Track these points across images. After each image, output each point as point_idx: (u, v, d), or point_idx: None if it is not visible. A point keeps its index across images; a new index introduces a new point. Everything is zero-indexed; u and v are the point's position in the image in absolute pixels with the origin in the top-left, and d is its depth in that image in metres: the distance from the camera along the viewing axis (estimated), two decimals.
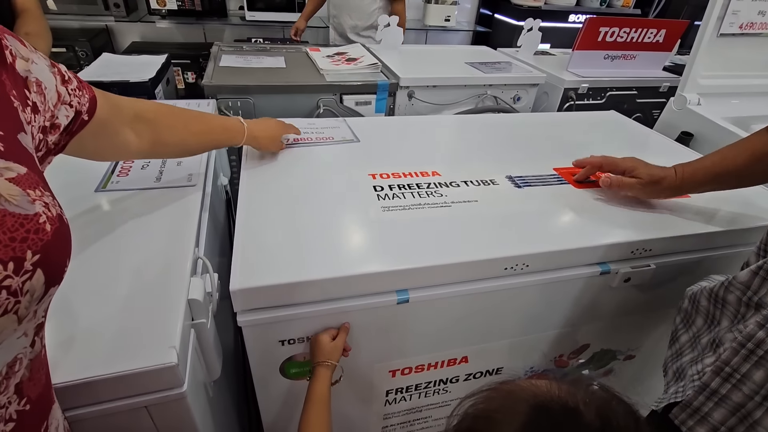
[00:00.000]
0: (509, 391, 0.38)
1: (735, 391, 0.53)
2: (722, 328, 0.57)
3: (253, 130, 0.78)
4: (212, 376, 0.62)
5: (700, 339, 0.61)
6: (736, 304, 0.56)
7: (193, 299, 0.54)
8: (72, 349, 0.46)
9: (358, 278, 0.61)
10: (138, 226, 0.64)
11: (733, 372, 0.53)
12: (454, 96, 1.51)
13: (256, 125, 0.80)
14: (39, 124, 0.39)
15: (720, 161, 0.71)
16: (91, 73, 1.30)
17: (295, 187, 0.79)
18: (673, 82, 1.68)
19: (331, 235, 0.68)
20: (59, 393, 0.42)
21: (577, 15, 2.96)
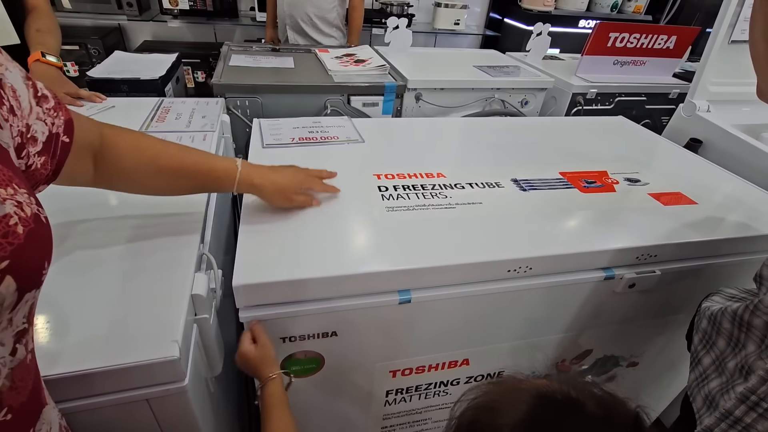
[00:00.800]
0: (511, 384, 0.39)
1: (761, 420, 0.52)
2: (749, 353, 0.56)
3: (251, 177, 0.63)
4: (214, 372, 0.63)
5: (726, 363, 0.59)
6: (764, 329, 0.55)
7: (196, 294, 0.55)
8: (74, 341, 0.47)
9: (361, 277, 0.62)
10: (144, 220, 0.65)
11: (760, 401, 0.52)
12: (462, 99, 1.51)
13: (258, 171, 0.64)
14: (17, 126, 0.37)
15: None
16: (103, 70, 1.32)
17: None
18: (683, 88, 1.67)
19: (335, 233, 0.68)
20: (59, 385, 0.43)
21: (587, 20, 2.94)
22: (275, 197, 0.67)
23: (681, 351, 0.96)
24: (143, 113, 1.01)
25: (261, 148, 0.92)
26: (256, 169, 0.64)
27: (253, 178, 0.63)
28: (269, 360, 0.58)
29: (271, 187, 0.66)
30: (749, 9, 1.08)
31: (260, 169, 0.65)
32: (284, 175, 0.68)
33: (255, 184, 0.64)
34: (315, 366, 0.70)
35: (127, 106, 1.06)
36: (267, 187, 0.65)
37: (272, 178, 0.65)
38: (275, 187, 0.66)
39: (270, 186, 0.65)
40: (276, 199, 0.68)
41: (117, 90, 1.25)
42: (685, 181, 0.92)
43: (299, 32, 1.91)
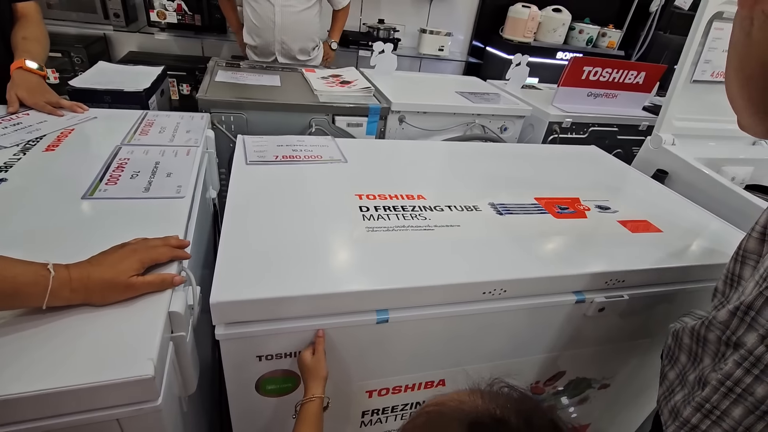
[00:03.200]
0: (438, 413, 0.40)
1: (715, 427, 0.55)
2: (705, 365, 0.59)
3: (69, 283, 0.49)
4: (188, 391, 0.62)
5: (687, 376, 0.63)
6: (716, 343, 0.58)
7: (174, 312, 0.54)
8: (44, 357, 0.45)
9: (340, 296, 0.62)
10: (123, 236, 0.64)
11: (713, 408, 0.55)
12: (444, 123, 1.56)
13: (78, 272, 0.50)
14: None
15: None
16: (85, 80, 1.31)
17: (281, 204, 0.80)
18: (651, 121, 1.76)
19: (315, 252, 0.69)
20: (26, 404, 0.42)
21: (564, 53, 3.09)
22: (109, 295, 0.52)
23: (651, 374, 0.99)
24: (126, 125, 1.00)
25: (245, 164, 0.93)
26: (74, 268, 0.50)
27: (72, 281, 0.49)
28: (318, 376, 0.61)
29: (98, 286, 0.50)
30: (709, 52, 1.17)
31: (79, 267, 0.51)
32: (111, 264, 0.52)
33: (75, 289, 0.49)
34: (291, 385, 0.70)
35: (109, 117, 1.06)
36: (92, 288, 0.50)
37: (95, 275, 0.50)
38: (103, 284, 0.51)
39: (96, 286, 0.50)
40: (111, 297, 0.52)
41: (99, 101, 1.25)
42: (651, 210, 0.97)
43: (289, 57, 1.95)
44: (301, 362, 0.63)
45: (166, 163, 0.86)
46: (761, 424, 0.51)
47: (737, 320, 0.54)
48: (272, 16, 1.82)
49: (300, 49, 1.93)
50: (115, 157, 0.86)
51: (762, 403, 0.51)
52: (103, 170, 0.81)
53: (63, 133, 0.93)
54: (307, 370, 0.62)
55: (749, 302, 0.53)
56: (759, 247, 0.57)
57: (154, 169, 0.83)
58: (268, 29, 1.86)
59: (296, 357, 0.66)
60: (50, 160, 0.82)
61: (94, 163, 0.83)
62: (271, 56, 1.94)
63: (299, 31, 1.89)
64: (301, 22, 1.88)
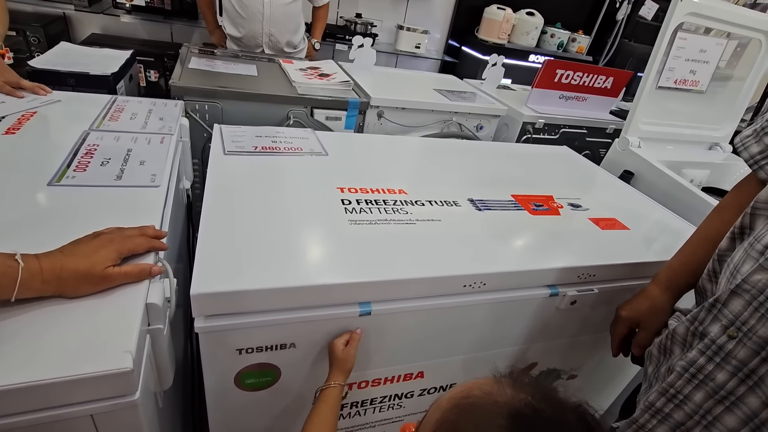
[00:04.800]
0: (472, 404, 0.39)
1: (677, 411, 0.59)
2: (675, 356, 0.63)
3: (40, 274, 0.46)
4: (164, 386, 0.60)
5: (660, 369, 0.66)
6: (684, 334, 0.62)
7: (151, 303, 0.53)
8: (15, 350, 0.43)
9: (324, 288, 0.62)
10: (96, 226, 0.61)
11: (677, 393, 0.58)
12: (422, 119, 1.57)
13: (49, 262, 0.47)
14: None
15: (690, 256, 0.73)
16: (47, 60, 1.23)
17: (262, 195, 0.79)
18: (618, 125, 1.85)
19: (298, 244, 0.68)
20: None
21: (536, 56, 3.18)
22: (83, 287, 0.49)
23: (615, 365, 1.05)
24: (94, 110, 0.95)
25: (222, 154, 0.90)
26: (44, 258, 0.47)
27: (43, 272, 0.46)
28: (344, 367, 0.65)
29: (72, 277, 0.47)
30: (674, 60, 1.24)
31: (50, 257, 0.47)
32: (85, 254, 0.49)
33: (47, 280, 0.46)
34: (271, 379, 0.69)
35: (75, 100, 1.00)
36: (65, 279, 0.47)
37: (68, 265, 0.47)
38: (77, 275, 0.48)
39: (70, 277, 0.47)
40: (85, 288, 0.49)
41: (62, 83, 1.17)
42: (619, 208, 1.02)
43: (276, 50, 1.91)
44: (333, 350, 0.66)
45: (139, 150, 0.82)
46: (720, 408, 0.55)
47: (705, 312, 0.58)
48: (260, 7, 1.78)
49: (287, 42, 1.90)
50: (84, 143, 0.81)
51: (722, 389, 0.55)
52: (71, 156, 0.76)
53: (24, 115, 0.87)
54: (336, 358, 0.65)
55: (718, 295, 0.56)
56: (731, 244, 0.61)
57: (126, 156, 0.80)
58: (256, 21, 1.81)
59: (276, 350, 0.65)
60: (11, 143, 0.77)
61: (60, 148, 0.78)
62: (257, 48, 1.89)
63: (287, 24, 1.86)
64: (288, 15, 1.85)
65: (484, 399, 0.39)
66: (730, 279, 0.56)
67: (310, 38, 2.09)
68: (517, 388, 0.39)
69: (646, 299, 0.74)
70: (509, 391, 0.39)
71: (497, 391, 0.39)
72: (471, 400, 0.40)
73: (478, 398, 0.39)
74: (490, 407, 0.38)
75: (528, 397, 0.38)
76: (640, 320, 0.74)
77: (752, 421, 0.53)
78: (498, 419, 0.36)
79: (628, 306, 0.76)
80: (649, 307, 0.73)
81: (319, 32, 2.08)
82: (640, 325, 0.74)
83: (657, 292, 0.74)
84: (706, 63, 1.28)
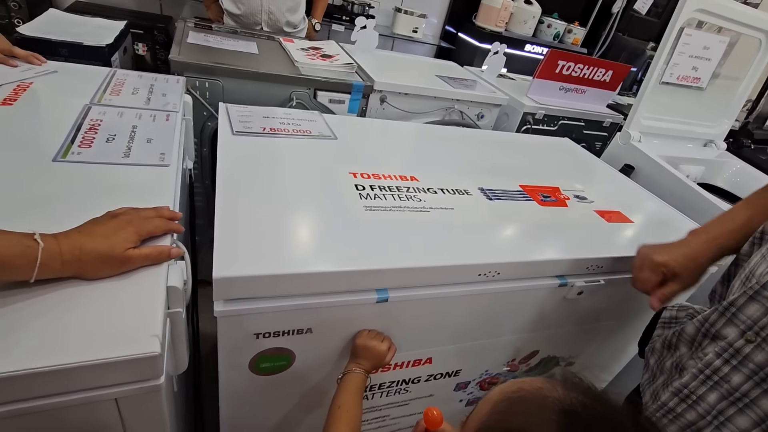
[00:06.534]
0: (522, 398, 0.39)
1: (690, 411, 0.60)
2: (682, 353, 0.64)
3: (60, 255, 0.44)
4: (179, 369, 0.59)
5: (664, 362, 0.68)
6: (694, 334, 0.63)
7: (171, 287, 0.51)
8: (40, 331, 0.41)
9: (342, 274, 0.62)
10: (108, 205, 0.59)
11: (690, 394, 0.60)
12: (424, 106, 1.55)
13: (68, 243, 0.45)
14: None
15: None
16: (37, 28, 1.17)
17: (275, 178, 0.77)
18: (615, 118, 1.87)
19: (315, 229, 0.67)
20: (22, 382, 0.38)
21: (532, 45, 3.17)
22: (103, 269, 0.48)
23: (610, 353, 1.08)
24: (93, 83, 0.91)
25: (231, 134, 0.88)
26: (63, 238, 0.45)
27: (62, 253, 0.44)
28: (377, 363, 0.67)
29: (92, 258, 0.46)
30: (678, 56, 1.25)
31: (69, 237, 0.46)
32: (105, 236, 0.48)
33: (66, 262, 0.45)
34: (285, 363, 0.68)
35: (71, 72, 0.95)
36: (85, 261, 0.46)
37: (88, 246, 0.46)
38: (98, 256, 0.46)
39: (90, 258, 0.46)
40: (105, 270, 0.48)
41: (54, 53, 1.12)
42: (622, 201, 1.04)
43: (275, 29, 1.85)
44: (372, 346, 0.67)
45: (145, 127, 0.79)
46: (733, 409, 0.57)
47: (717, 314, 0.59)
48: None
49: (287, 21, 1.84)
50: (86, 118, 0.77)
51: (736, 390, 0.56)
52: (74, 131, 0.73)
53: (20, 86, 0.83)
54: (374, 353, 0.67)
55: (733, 299, 0.58)
56: (750, 249, 0.62)
57: (132, 133, 0.77)
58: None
59: (293, 335, 0.65)
60: (8, 116, 0.73)
61: (61, 122, 0.75)
62: (255, 26, 1.83)
63: (287, 2, 1.80)
64: None
65: (535, 394, 0.39)
66: (744, 282, 0.57)
67: (310, 18, 2.03)
68: (569, 387, 0.39)
69: (685, 248, 0.66)
70: (560, 389, 0.39)
71: (548, 387, 0.39)
72: (521, 393, 0.40)
73: (528, 392, 0.39)
74: (541, 401, 0.38)
75: (580, 396, 0.38)
76: (678, 270, 0.65)
77: (764, 423, 0.55)
78: (549, 413, 0.36)
79: (664, 250, 0.67)
80: (687, 256, 0.65)
81: (320, 12, 2.02)
82: (675, 275, 0.66)
83: (700, 243, 0.66)
84: (708, 60, 1.30)
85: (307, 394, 0.76)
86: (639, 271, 0.70)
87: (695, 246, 0.67)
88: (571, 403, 0.37)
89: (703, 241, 0.67)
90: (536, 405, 0.38)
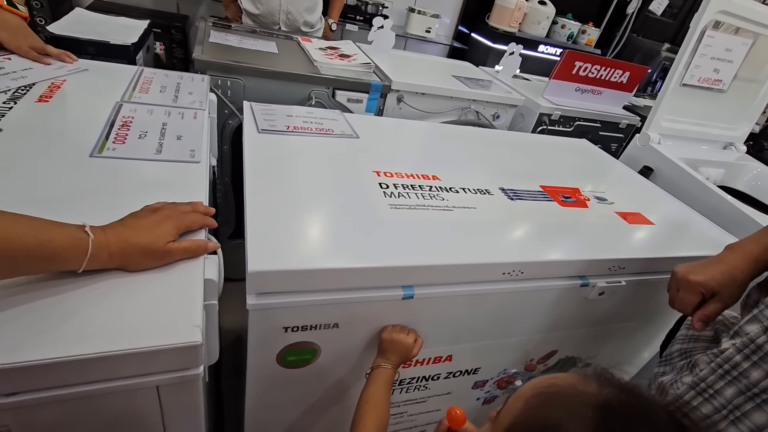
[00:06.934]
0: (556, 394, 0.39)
1: (706, 404, 0.60)
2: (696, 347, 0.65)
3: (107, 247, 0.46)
4: (211, 359, 0.60)
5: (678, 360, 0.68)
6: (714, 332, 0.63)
7: (208, 279, 0.53)
8: (90, 319, 0.43)
9: (370, 270, 0.63)
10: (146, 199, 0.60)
11: (708, 388, 0.60)
12: (441, 106, 1.56)
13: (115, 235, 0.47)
14: None
15: None
16: (64, 27, 1.19)
17: (302, 175, 0.78)
18: (631, 120, 1.86)
19: (343, 226, 0.68)
20: (72, 368, 0.40)
21: (546, 46, 3.16)
22: (145, 261, 0.50)
23: (628, 354, 1.08)
24: (122, 81, 0.93)
25: (256, 132, 0.89)
26: (110, 231, 0.47)
27: (110, 246, 0.46)
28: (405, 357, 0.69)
29: (136, 251, 0.48)
30: (699, 58, 1.24)
31: (115, 230, 0.48)
32: (147, 229, 0.50)
33: (113, 254, 0.47)
34: (311, 357, 0.70)
35: (102, 70, 0.97)
36: (129, 254, 0.48)
37: (132, 239, 0.48)
38: (141, 249, 0.49)
39: (134, 251, 0.48)
40: (146, 263, 0.50)
41: (82, 51, 1.14)
42: (642, 203, 1.04)
43: (292, 29, 1.87)
44: (398, 339, 0.68)
45: (174, 125, 0.81)
46: (750, 404, 0.57)
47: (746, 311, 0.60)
48: None
49: (305, 21, 1.86)
50: (118, 115, 0.79)
51: (755, 386, 0.56)
52: (107, 127, 0.75)
53: (54, 83, 0.85)
54: (400, 347, 0.68)
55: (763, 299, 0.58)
56: None
57: (163, 130, 0.78)
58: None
59: (320, 329, 0.66)
60: (45, 112, 0.75)
61: (95, 118, 0.77)
62: (273, 26, 1.85)
63: (305, 2, 1.82)
64: None
65: (568, 389, 0.39)
66: None
67: (327, 18, 2.05)
68: (603, 382, 0.39)
69: (726, 267, 0.65)
70: (595, 385, 0.38)
71: (581, 383, 0.39)
72: (555, 389, 0.39)
73: (561, 388, 0.39)
74: (576, 396, 0.38)
75: (615, 391, 0.37)
76: (718, 289, 0.64)
77: None
78: (585, 410, 0.36)
79: (700, 270, 0.66)
80: (730, 276, 0.64)
81: (337, 12, 2.04)
82: (715, 294, 0.65)
83: (738, 260, 0.65)
84: (730, 62, 1.29)
85: (330, 388, 0.77)
86: (676, 292, 0.69)
87: (732, 263, 0.66)
88: (607, 398, 0.37)
89: (740, 257, 0.66)
90: (571, 400, 0.38)
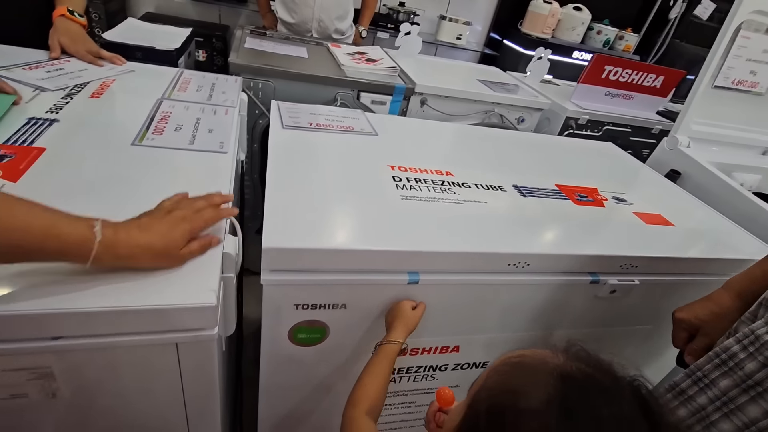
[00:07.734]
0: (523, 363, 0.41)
1: (701, 394, 0.60)
2: None
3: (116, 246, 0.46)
4: (228, 331, 0.65)
5: None
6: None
7: (227, 253, 0.58)
8: (119, 280, 0.49)
9: (378, 253, 0.66)
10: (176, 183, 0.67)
11: (703, 377, 0.60)
12: (464, 109, 1.58)
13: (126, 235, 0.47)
14: None
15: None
16: (117, 35, 1.32)
17: (319, 166, 0.84)
18: (665, 125, 1.81)
19: (355, 212, 0.73)
20: (101, 317, 0.46)
21: (581, 52, 3.11)
22: (156, 262, 0.50)
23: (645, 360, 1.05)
24: (164, 81, 1.02)
25: (281, 128, 0.96)
26: (122, 231, 0.47)
27: (117, 247, 0.46)
28: (408, 326, 0.68)
29: (147, 253, 0.49)
30: (733, 59, 1.20)
31: (128, 231, 0.48)
32: (162, 233, 0.50)
33: (121, 256, 0.47)
34: (320, 336, 0.74)
35: (146, 71, 1.08)
36: (140, 256, 0.48)
37: (143, 241, 0.48)
38: (152, 252, 0.49)
39: (144, 253, 0.48)
40: (158, 265, 0.51)
41: (130, 56, 1.25)
42: (664, 205, 1.01)
43: (324, 36, 1.96)
44: (399, 310, 0.70)
45: (207, 119, 0.89)
46: (744, 397, 0.56)
47: (763, 309, 0.59)
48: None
49: (336, 29, 1.95)
50: (158, 110, 0.88)
51: (749, 378, 0.55)
52: (148, 120, 0.83)
53: (104, 82, 0.95)
54: (402, 317, 0.69)
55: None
56: None
57: (196, 124, 0.86)
58: (307, 7, 1.86)
59: (329, 309, 0.70)
60: (96, 106, 0.85)
61: (138, 113, 0.85)
62: (306, 33, 1.95)
63: (336, 10, 1.91)
64: (338, 1, 1.89)
65: (535, 359, 0.40)
66: None
67: (357, 26, 2.13)
68: (571, 356, 0.40)
69: (710, 303, 0.71)
70: (562, 357, 0.40)
71: (550, 355, 0.40)
72: (522, 359, 0.41)
73: (529, 358, 0.41)
74: (541, 366, 0.39)
75: (582, 365, 0.39)
76: (700, 325, 0.70)
77: None
78: (547, 378, 0.37)
79: (686, 308, 0.73)
80: (711, 312, 0.70)
81: (367, 20, 2.11)
82: (699, 330, 0.70)
83: (726, 298, 0.71)
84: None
85: (337, 368, 0.81)
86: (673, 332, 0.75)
87: (717, 299, 0.71)
88: (571, 370, 0.38)
89: (726, 293, 0.71)
90: (535, 369, 0.39)
